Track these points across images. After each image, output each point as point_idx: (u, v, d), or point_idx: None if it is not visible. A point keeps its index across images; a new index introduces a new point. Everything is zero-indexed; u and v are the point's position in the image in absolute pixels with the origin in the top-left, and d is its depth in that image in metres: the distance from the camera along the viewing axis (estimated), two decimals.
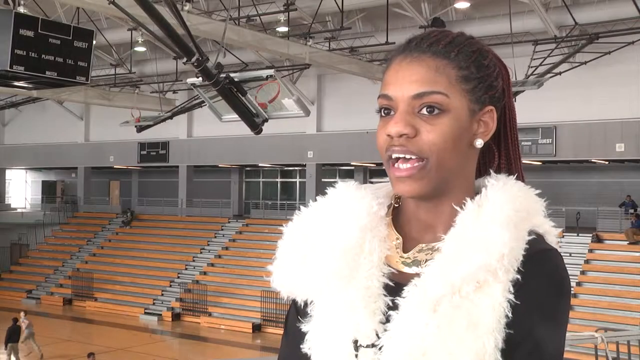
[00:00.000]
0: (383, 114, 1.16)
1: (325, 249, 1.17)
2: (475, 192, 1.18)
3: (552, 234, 1.17)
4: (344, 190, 1.24)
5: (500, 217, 1.10)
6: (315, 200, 1.26)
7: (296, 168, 31.68)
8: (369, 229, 1.18)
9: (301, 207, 1.26)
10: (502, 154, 1.26)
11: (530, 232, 1.12)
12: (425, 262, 1.14)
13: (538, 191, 1.19)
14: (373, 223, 1.19)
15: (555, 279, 1.10)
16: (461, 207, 1.14)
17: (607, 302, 19.62)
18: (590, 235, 21.71)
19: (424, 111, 1.12)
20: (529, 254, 1.10)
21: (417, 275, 1.12)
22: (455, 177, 1.15)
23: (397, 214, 1.24)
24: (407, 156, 1.12)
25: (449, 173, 1.13)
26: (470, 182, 1.19)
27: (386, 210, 1.22)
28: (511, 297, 1.07)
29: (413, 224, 1.20)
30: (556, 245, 1.16)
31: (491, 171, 1.20)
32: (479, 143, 1.16)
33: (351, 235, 1.17)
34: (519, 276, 1.08)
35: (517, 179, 1.21)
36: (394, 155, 1.13)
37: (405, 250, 1.19)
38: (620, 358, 5.33)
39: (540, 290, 1.09)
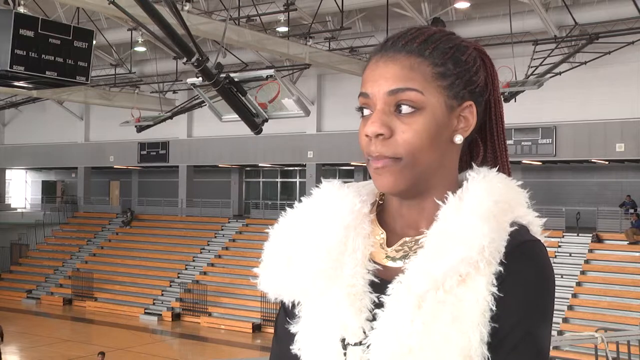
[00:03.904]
0: (362, 113, 1.17)
1: (309, 249, 1.18)
2: (458, 186, 1.17)
3: (536, 224, 1.16)
4: (327, 190, 1.24)
5: (480, 209, 1.10)
6: (302, 199, 1.26)
7: (296, 168, 31.68)
8: (352, 227, 1.19)
9: (287, 208, 1.26)
10: (488, 147, 1.26)
11: (512, 224, 1.12)
12: (409, 256, 1.15)
13: (519, 182, 1.18)
14: (356, 221, 1.19)
15: (538, 270, 1.10)
16: (443, 202, 1.14)
17: (607, 302, 19.61)
18: (590, 235, 21.70)
19: (400, 110, 1.12)
20: (511, 245, 1.09)
21: (402, 270, 1.13)
22: (435, 174, 1.15)
23: (381, 211, 1.24)
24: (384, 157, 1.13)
25: (426, 170, 1.14)
26: (453, 177, 1.19)
27: (370, 208, 1.23)
28: (494, 289, 1.07)
29: (397, 220, 1.21)
30: (540, 236, 1.15)
31: (474, 164, 1.20)
32: (459, 139, 1.16)
33: (335, 234, 1.18)
34: (501, 268, 1.08)
35: (503, 171, 1.21)
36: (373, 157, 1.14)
37: (390, 245, 1.19)
38: (620, 358, 5.33)
39: (524, 281, 1.09)
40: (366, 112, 1.16)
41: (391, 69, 1.13)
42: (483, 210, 1.10)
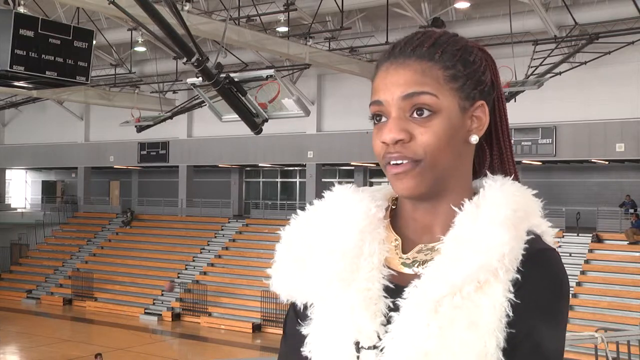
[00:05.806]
0: (376, 121, 1.17)
1: (324, 252, 1.18)
2: (472, 192, 1.18)
3: (549, 234, 1.17)
4: (341, 193, 1.24)
5: (500, 217, 1.11)
6: (314, 202, 1.26)
7: (296, 168, 31.68)
8: (367, 231, 1.19)
9: (299, 210, 1.26)
10: (493, 147, 1.26)
11: (528, 232, 1.13)
12: (425, 262, 1.15)
13: (535, 191, 1.19)
14: (372, 225, 1.19)
15: (554, 279, 1.11)
16: (459, 208, 1.14)
17: (607, 302, 19.61)
18: (590, 235, 21.70)
19: (415, 114, 1.12)
20: (528, 253, 1.10)
21: (417, 276, 1.13)
22: (451, 177, 1.16)
23: (395, 216, 1.24)
24: (404, 161, 1.13)
25: (444, 172, 1.14)
26: (467, 182, 1.20)
27: (384, 213, 1.23)
28: (511, 296, 1.08)
29: (411, 225, 1.21)
30: (554, 245, 1.17)
31: (487, 172, 1.21)
32: (474, 139, 1.17)
33: (350, 238, 1.18)
34: (518, 276, 1.09)
35: (510, 172, 1.22)
36: (392, 162, 1.14)
37: (405, 251, 1.20)
38: (620, 358, 5.33)
39: (540, 290, 1.10)
40: (379, 119, 1.16)
41: (403, 74, 1.13)
42: (502, 218, 1.11)
